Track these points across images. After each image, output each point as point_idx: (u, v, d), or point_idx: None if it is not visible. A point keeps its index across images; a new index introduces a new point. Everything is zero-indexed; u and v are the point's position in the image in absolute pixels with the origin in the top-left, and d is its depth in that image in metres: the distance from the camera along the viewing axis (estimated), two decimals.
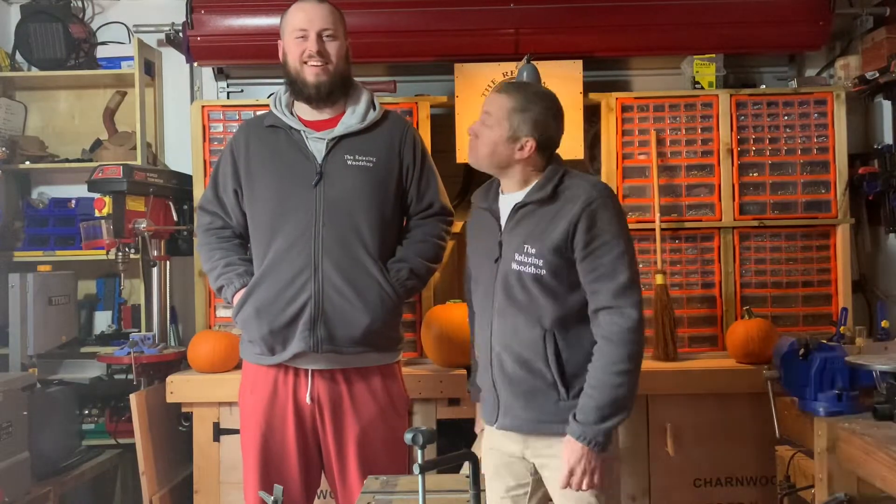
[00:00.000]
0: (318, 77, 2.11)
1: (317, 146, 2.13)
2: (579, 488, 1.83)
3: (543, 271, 1.87)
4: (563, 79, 3.14)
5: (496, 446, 2.01)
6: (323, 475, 2.23)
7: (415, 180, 2.22)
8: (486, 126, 1.94)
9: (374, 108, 2.21)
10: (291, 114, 2.18)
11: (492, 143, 1.94)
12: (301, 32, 2.11)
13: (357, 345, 2.10)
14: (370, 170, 2.13)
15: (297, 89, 2.15)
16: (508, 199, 1.97)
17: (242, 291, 2.15)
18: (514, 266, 1.90)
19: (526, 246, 1.89)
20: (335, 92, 2.15)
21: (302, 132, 2.15)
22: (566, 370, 1.88)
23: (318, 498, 2.65)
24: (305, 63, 2.11)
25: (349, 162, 2.12)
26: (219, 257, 2.22)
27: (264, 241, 2.14)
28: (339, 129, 2.15)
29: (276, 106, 2.20)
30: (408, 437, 1.30)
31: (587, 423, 1.81)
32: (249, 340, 2.17)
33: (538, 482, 1.99)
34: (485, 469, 2.01)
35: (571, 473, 1.82)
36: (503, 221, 1.95)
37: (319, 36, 2.11)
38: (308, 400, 2.12)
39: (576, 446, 1.82)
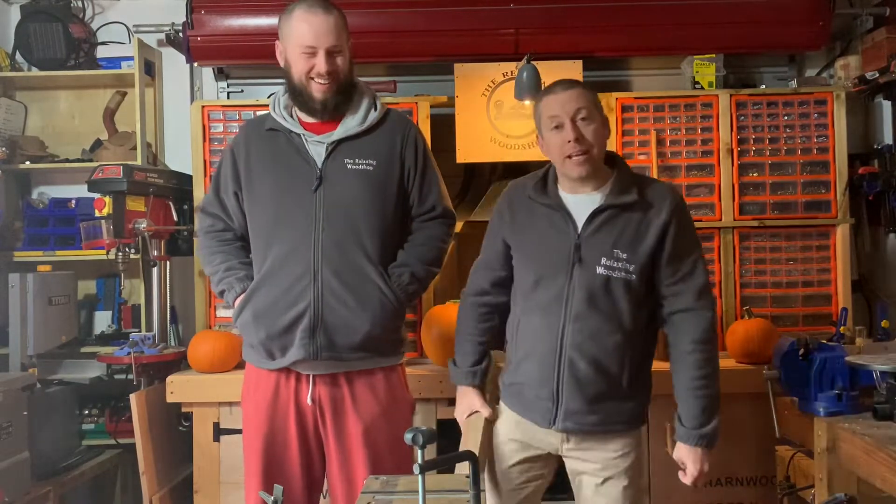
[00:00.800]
0: (325, 94, 2.07)
1: (317, 150, 2.11)
2: (697, 485, 1.95)
3: (634, 276, 1.87)
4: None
5: (523, 438, 2.00)
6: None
7: (416, 183, 2.18)
8: (590, 122, 1.88)
9: (375, 108, 2.17)
10: (291, 116, 2.15)
11: (602, 138, 1.91)
12: (309, 50, 2.04)
13: (357, 350, 2.08)
14: (370, 173, 2.10)
15: (301, 101, 2.11)
16: (580, 198, 1.92)
17: (242, 297, 2.14)
18: (602, 271, 1.86)
19: (616, 251, 1.86)
20: (340, 104, 2.11)
21: (302, 136, 2.12)
22: (633, 373, 1.93)
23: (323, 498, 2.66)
24: (312, 79, 2.06)
25: (349, 166, 2.09)
26: (220, 261, 2.21)
27: (263, 246, 2.12)
28: (339, 133, 2.11)
29: (275, 109, 2.16)
30: (408, 437, 1.31)
31: (700, 426, 1.90)
32: (250, 345, 2.17)
33: (547, 480, 2.04)
34: (501, 458, 2.03)
35: (697, 475, 1.94)
36: (579, 223, 1.90)
37: (329, 54, 2.04)
38: (309, 401, 2.11)
39: (695, 451, 1.92)
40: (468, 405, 2.06)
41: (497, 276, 2.05)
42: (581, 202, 1.91)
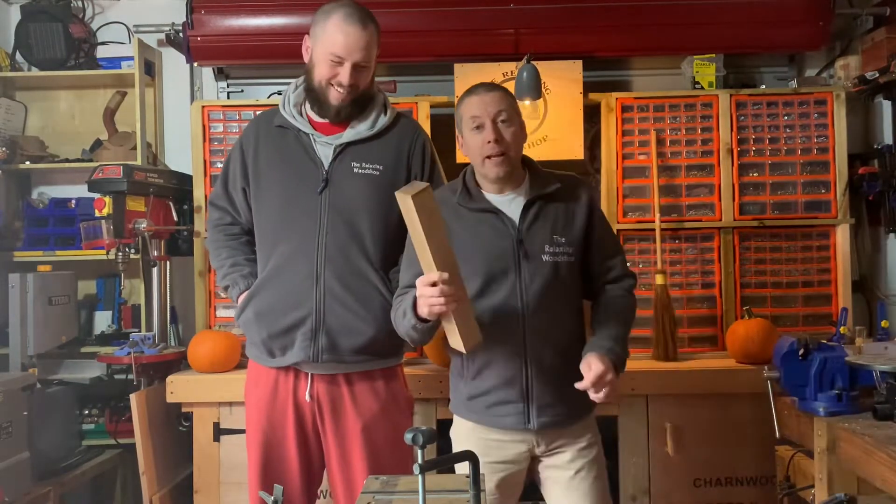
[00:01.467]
0: (341, 102, 2.08)
1: (324, 151, 2.11)
2: (599, 392, 1.82)
3: (573, 258, 1.96)
4: (563, 79, 3.14)
5: (498, 458, 1.97)
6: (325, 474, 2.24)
7: None
8: (510, 125, 1.93)
9: (385, 113, 2.17)
10: (301, 114, 2.15)
11: (520, 142, 1.97)
12: (337, 59, 2.03)
13: (359, 353, 2.09)
14: (376, 178, 2.10)
15: (316, 100, 2.10)
16: (506, 198, 1.97)
17: (245, 294, 2.15)
18: (547, 258, 1.92)
19: (555, 236, 1.94)
20: (354, 111, 2.12)
21: (311, 136, 2.12)
22: (578, 351, 1.92)
23: (319, 498, 2.66)
24: (332, 86, 2.06)
25: (356, 170, 2.09)
26: (226, 256, 2.23)
27: (268, 245, 2.14)
28: (348, 136, 2.11)
29: (284, 107, 2.16)
30: (408, 437, 1.31)
31: (614, 347, 1.88)
32: (251, 342, 2.18)
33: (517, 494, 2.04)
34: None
35: (600, 378, 1.80)
36: (515, 219, 1.94)
37: (355, 67, 2.04)
38: (307, 397, 2.11)
39: (605, 360, 1.83)
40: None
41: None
42: (508, 200, 1.97)
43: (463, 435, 2.03)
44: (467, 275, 1.92)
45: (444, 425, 2.72)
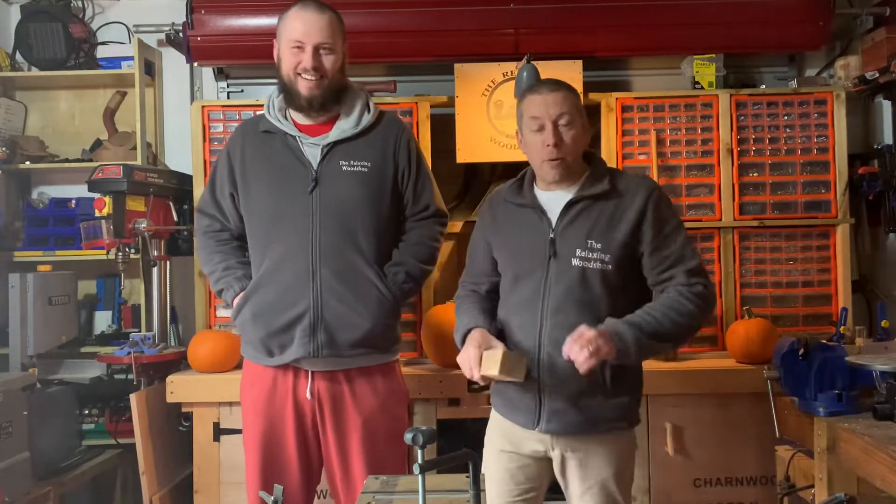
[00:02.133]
0: (311, 91, 2.10)
1: (312, 152, 2.13)
2: (573, 351, 1.74)
3: (609, 266, 1.86)
4: (563, 79, 3.12)
5: (511, 448, 1.99)
6: (323, 473, 2.24)
7: (410, 183, 2.21)
8: (571, 128, 1.89)
9: (369, 111, 2.19)
10: (286, 118, 2.18)
11: (581, 144, 1.93)
12: (297, 44, 2.07)
13: (357, 347, 2.11)
14: (365, 175, 2.13)
15: (290, 97, 2.15)
16: (555, 195, 1.94)
17: (241, 296, 2.16)
18: (577, 262, 1.87)
19: (590, 241, 1.87)
20: (327, 102, 2.14)
21: (297, 138, 2.14)
22: (616, 369, 1.88)
23: (319, 498, 2.66)
24: (299, 75, 2.09)
25: (344, 168, 2.12)
26: (218, 261, 2.24)
27: (261, 247, 2.15)
28: (334, 135, 2.14)
29: (269, 111, 2.18)
30: (408, 437, 1.31)
31: (625, 330, 1.77)
32: (248, 342, 2.18)
33: (544, 486, 2.01)
34: (491, 471, 2.01)
35: (582, 338, 1.73)
36: (553, 218, 1.91)
37: (316, 50, 2.07)
38: (308, 395, 2.13)
39: (602, 331, 1.75)
40: (478, 341, 1.87)
41: (486, 271, 2.07)
42: (555, 198, 1.94)
43: (491, 424, 2.06)
44: (504, 269, 1.99)
45: (444, 425, 2.75)
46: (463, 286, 2.13)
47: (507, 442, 2.00)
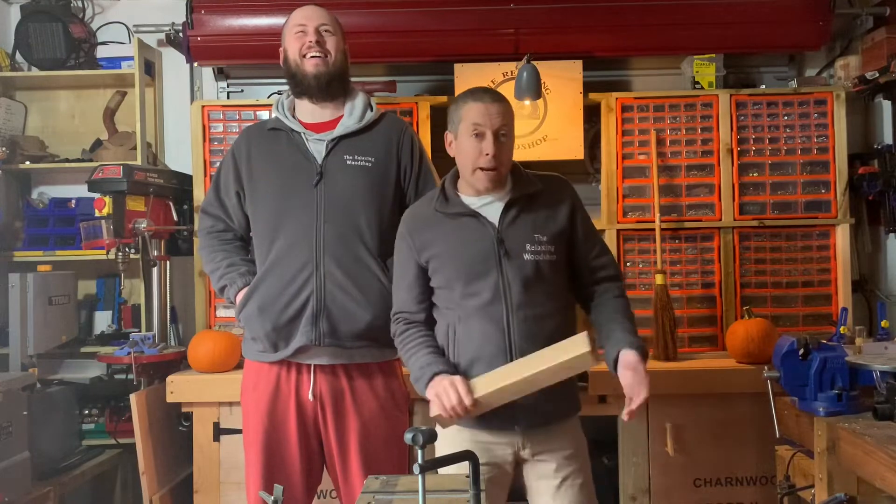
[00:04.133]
0: (317, 68, 2.16)
1: (317, 147, 2.17)
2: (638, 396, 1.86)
3: (556, 256, 1.96)
4: (563, 79, 3.14)
5: (483, 460, 1.95)
6: (325, 472, 2.24)
7: (413, 180, 2.24)
8: (508, 140, 1.96)
9: (371, 109, 2.25)
10: (293, 117, 2.23)
11: (512, 157, 2.00)
12: (300, 28, 2.18)
13: (359, 339, 2.12)
14: (369, 169, 2.17)
15: (298, 83, 2.20)
16: (484, 199, 1.98)
17: (245, 290, 2.17)
18: (529, 257, 1.93)
19: (536, 235, 1.95)
20: (334, 85, 2.19)
21: (302, 134, 2.19)
22: None
23: (319, 497, 2.66)
24: (304, 56, 2.17)
25: (348, 162, 2.16)
26: (221, 258, 2.26)
27: (267, 240, 2.17)
28: (339, 131, 2.19)
29: (278, 108, 2.25)
30: (408, 437, 1.31)
31: (636, 340, 1.91)
32: (252, 338, 2.19)
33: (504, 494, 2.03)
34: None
35: (638, 383, 1.85)
36: (494, 220, 1.96)
37: (317, 30, 2.17)
38: (311, 396, 2.14)
39: (636, 358, 1.88)
40: (464, 394, 1.86)
41: (420, 296, 2.03)
42: (487, 203, 1.99)
43: (448, 437, 1.99)
44: (451, 278, 1.96)
45: None
46: (397, 321, 2.05)
47: (475, 449, 1.96)
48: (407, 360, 2.01)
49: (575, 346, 1.85)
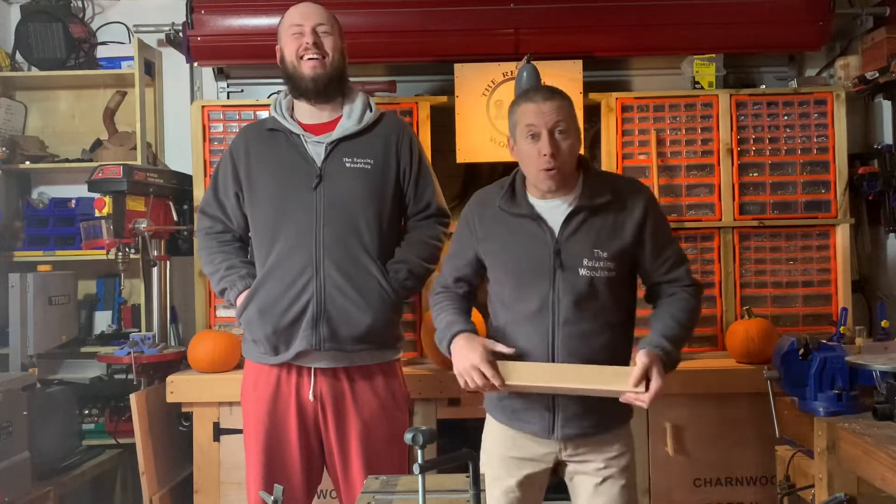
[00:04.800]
0: (315, 70, 2.14)
1: (316, 150, 2.16)
2: (646, 388, 1.78)
3: (615, 273, 1.89)
4: (563, 79, 3.14)
5: (518, 454, 1.98)
6: (326, 473, 2.25)
7: (412, 182, 2.23)
8: (567, 137, 1.87)
9: (371, 110, 2.23)
10: (291, 118, 2.21)
11: (576, 152, 1.91)
12: (297, 28, 2.15)
13: (359, 342, 2.12)
14: (368, 171, 2.16)
15: (295, 85, 2.18)
16: (552, 203, 1.92)
17: (245, 293, 2.17)
18: (584, 272, 1.87)
19: (596, 251, 1.88)
20: (332, 86, 2.17)
21: (301, 136, 2.17)
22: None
23: (319, 497, 2.66)
24: (302, 58, 2.14)
25: (348, 164, 2.15)
26: (220, 260, 2.25)
27: (266, 243, 2.16)
28: (337, 133, 2.17)
29: (276, 110, 2.22)
30: (408, 437, 1.31)
31: (663, 344, 1.84)
32: (253, 340, 2.19)
33: (542, 494, 2.02)
34: (494, 471, 2.00)
35: (646, 374, 1.77)
36: (555, 228, 1.90)
37: (314, 31, 2.15)
38: (311, 397, 2.14)
39: (650, 357, 1.79)
40: (478, 348, 1.86)
41: (466, 276, 2.05)
42: (553, 207, 1.92)
43: (490, 432, 2.04)
44: (502, 279, 1.95)
45: (444, 425, 2.75)
46: (436, 292, 2.09)
47: (515, 449, 1.99)
48: (435, 322, 2.02)
49: (618, 380, 1.81)
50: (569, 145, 1.87)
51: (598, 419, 1.93)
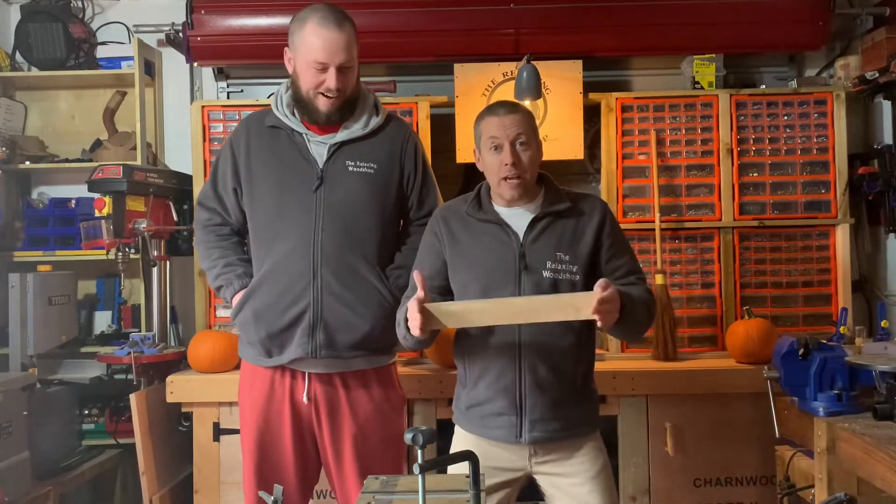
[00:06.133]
0: (330, 108, 2.09)
1: (318, 150, 2.12)
2: (596, 309, 1.76)
3: (578, 277, 1.94)
4: (563, 79, 3.14)
5: (495, 463, 1.97)
6: (323, 474, 2.24)
7: (416, 188, 2.21)
8: (527, 148, 1.94)
9: (378, 113, 2.19)
10: (293, 115, 2.15)
11: (537, 163, 1.99)
12: (320, 65, 2.04)
13: (355, 349, 2.10)
14: (371, 176, 2.12)
15: (304, 109, 2.11)
16: (515, 211, 1.98)
17: (241, 293, 2.15)
18: (548, 274, 1.92)
19: (558, 254, 1.94)
20: (344, 113, 2.13)
21: (304, 135, 2.13)
22: (585, 373, 1.99)
23: (318, 497, 2.66)
24: (321, 94, 2.07)
25: (350, 168, 2.11)
26: (217, 256, 2.22)
27: (264, 244, 2.14)
28: (342, 135, 2.13)
29: (277, 107, 2.17)
30: (408, 437, 1.31)
31: (623, 290, 1.85)
32: (248, 342, 2.18)
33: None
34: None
35: (604, 290, 1.75)
36: (520, 233, 1.95)
37: (339, 70, 2.04)
38: (305, 399, 2.12)
39: (613, 288, 1.78)
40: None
41: (436, 287, 2.02)
42: (517, 214, 1.98)
43: (458, 442, 2.04)
44: (468, 282, 1.97)
45: (444, 425, 2.73)
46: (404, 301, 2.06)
47: (483, 458, 1.96)
48: (399, 318, 1.96)
49: (574, 303, 1.79)
50: (529, 156, 1.95)
51: (564, 424, 1.95)
